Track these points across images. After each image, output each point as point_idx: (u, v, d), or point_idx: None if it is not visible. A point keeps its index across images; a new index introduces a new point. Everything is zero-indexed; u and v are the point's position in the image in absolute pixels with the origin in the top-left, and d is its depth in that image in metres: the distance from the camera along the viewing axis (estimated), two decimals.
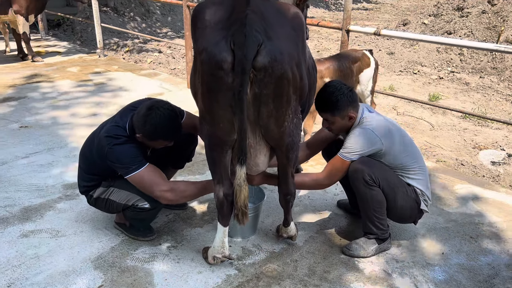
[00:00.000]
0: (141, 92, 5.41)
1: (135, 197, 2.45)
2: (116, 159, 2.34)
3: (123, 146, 2.35)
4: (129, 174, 2.33)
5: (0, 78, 5.75)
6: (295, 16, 2.20)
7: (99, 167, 2.48)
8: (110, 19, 10.28)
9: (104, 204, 2.55)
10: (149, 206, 2.45)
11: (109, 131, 2.39)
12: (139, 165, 2.33)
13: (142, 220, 2.61)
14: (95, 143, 2.45)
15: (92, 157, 2.49)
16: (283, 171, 2.32)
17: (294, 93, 2.06)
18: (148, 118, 2.31)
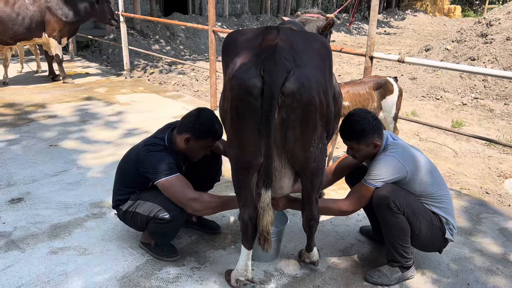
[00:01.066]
0: (166, 114, 5.54)
1: (157, 207, 2.52)
2: (150, 165, 2.46)
3: (159, 153, 2.49)
4: (159, 179, 2.44)
5: (31, 97, 5.97)
6: (322, 46, 2.27)
7: (133, 177, 2.60)
8: (136, 41, 10.62)
9: (131, 217, 2.64)
10: (169, 216, 2.50)
11: (147, 141, 2.58)
12: (171, 172, 2.45)
13: (164, 235, 2.67)
14: (133, 154, 2.61)
15: (128, 168, 2.63)
16: (307, 196, 2.35)
17: (320, 119, 2.11)
18: (200, 116, 2.52)
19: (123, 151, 4.24)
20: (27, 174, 3.73)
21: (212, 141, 2.60)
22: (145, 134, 4.77)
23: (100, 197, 3.40)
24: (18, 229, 2.94)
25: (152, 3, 13.57)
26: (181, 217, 2.57)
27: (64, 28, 6.43)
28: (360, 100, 3.46)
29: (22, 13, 5.98)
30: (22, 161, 3.97)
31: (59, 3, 6.31)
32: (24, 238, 2.84)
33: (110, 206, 3.24)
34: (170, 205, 2.49)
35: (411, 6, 24.87)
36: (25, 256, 2.66)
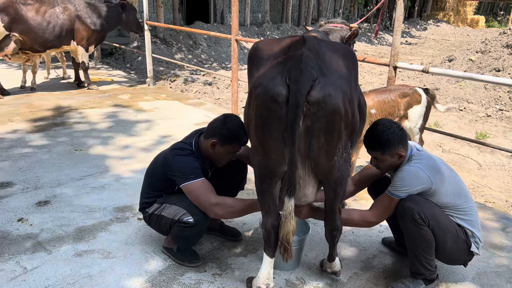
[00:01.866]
0: (188, 121, 5.61)
1: (182, 211, 2.56)
2: (176, 168, 2.52)
3: (186, 157, 2.55)
4: (185, 182, 2.49)
5: (57, 103, 6.12)
6: (348, 55, 2.29)
7: (161, 181, 2.65)
8: (159, 49, 10.79)
9: (156, 220, 2.68)
10: (193, 221, 2.53)
11: (175, 146, 2.65)
12: (196, 176, 2.50)
13: (187, 239, 2.70)
14: (161, 158, 2.68)
15: (156, 172, 2.70)
16: (331, 205, 2.35)
17: (345, 128, 2.11)
18: (226, 121, 2.57)
19: (145, 156, 4.35)
20: (53, 177, 3.82)
21: (237, 147, 2.63)
22: (168, 140, 4.84)
23: (124, 202, 3.46)
24: (45, 231, 3.01)
25: (175, 12, 13.79)
26: (205, 222, 2.59)
27: (92, 36, 6.59)
28: (385, 108, 3.44)
29: (52, 21, 6.16)
30: (49, 165, 4.07)
31: (88, 12, 6.49)
32: (51, 240, 2.91)
33: (133, 211, 3.31)
34: (195, 210, 2.53)
35: (433, 17, 24.62)
36: (51, 258, 2.73)
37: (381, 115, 3.35)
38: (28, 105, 5.97)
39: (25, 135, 4.81)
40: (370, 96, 3.46)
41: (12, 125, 5.12)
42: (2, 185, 3.64)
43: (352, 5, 20.87)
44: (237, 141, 2.60)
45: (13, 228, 3.03)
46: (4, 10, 5.82)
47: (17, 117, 5.42)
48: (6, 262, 2.67)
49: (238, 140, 2.59)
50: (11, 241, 2.88)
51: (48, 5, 6.20)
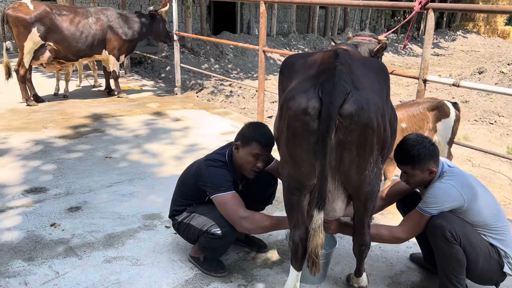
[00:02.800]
0: (214, 130, 5.67)
1: (210, 222, 2.59)
2: (208, 179, 2.55)
3: (219, 169, 2.58)
4: (215, 194, 2.52)
5: (88, 110, 6.29)
6: (380, 70, 2.30)
7: (192, 190, 2.70)
8: (187, 59, 10.97)
9: (185, 228, 2.73)
10: (220, 233, 2.56)
11: (209, 156, 2.69)
12: (227, 188, 2.53)
13: (214, 251, 2.72)
14: (194, 167, 2.73)
15: (188, 181, 2.74)
16: (359, 220, 2.33)
17: (377, 143, 2.10)
18: (249, 126, 2.66)
19: (173, 165, 4.42)
20: (85, 184, 3.92)
21: (258, 147, 2.59)
22: (195, 149, 4.91)
23: (152, 210, 3.52)
24: (76, 236, 3.09)
25: (203, 22, 14.02)
26: (232, 235, 2.61)
27: (123, 46, 6.77)
28: (415, 121, 3.39)
29: (85, 31, 6.37)
30: (80, 172, 4.18)
31: (120, 22, 6.68)
32: (81, 246, 2.98)
33: (161, 219, 3.36)
34: (223, 222, 2.55)
35: (462, 27, 24.19)
36: (82, 263, 2.79)
37: (412, 129, 3.31)
38: (61, 112, 6.16)
39: (58, 142, 4.96)
40: (400, 110, 3.43)
41: (46, 131, 5.29)
42: (36, 190, 3.76)
43: (379, 15, 20.75)
44: (256, 141, 2.58)
45: (46, 232, 3.13)
46: (41, 20, 6.05)
47: (50, 123, 5.60)
48: (39, 266, 2.75)
49: (257, 140, 2.59)
50: (44, 245, 2.97)
51: (82, 16, 6.41)
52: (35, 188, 3.80)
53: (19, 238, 3.04)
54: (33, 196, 3.66)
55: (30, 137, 5.07)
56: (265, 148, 2.61)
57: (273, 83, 10.69)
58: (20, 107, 6.30)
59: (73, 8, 6.58)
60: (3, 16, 6.04)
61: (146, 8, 13.08)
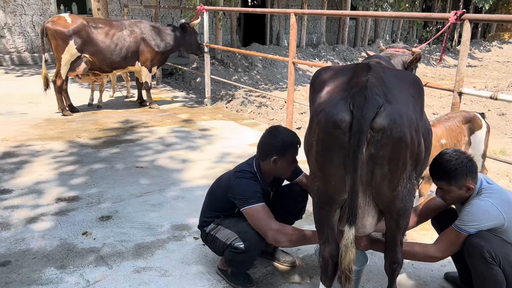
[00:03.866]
0: (243, 141, 5.68)
1: (234, 236, 2.58)
2: (238, 191, 2.56)
3: (248, 180, 2.58)
4: (246, 206, 2.53)
5: (121, 121, 6.43)
6: (414, 83, 2.24)
7: (221, 202, 2.71)
8: (216, 70, 11.10)
9: (211, 240, 2.73)
10: (243, 247, 2.54)
11: (238, 168, 2.70)
12: (257, 200, 2.53)
13: (239, 264, 2.70)
14: (224, 179, 2.73)
15: (217, 193, 2.75)
16: (391, 237, 2.26)
17: (410, 158, 2.04)
18: (273, 134, 2.62)
19: (202, 175, 4.44)
20: (116, 193, 3.99)
21: (295, 153, 2.64)
22: (224, 160, 4.92)
23: (181, 220, 3.53)
24: (107, 245, 3.14)
25: (233, 34, 14.18)
26: (256, 249, 2.59)
27: (155, 58, 6.92)
28: (454, 135, 3.29)
29: (120, 44, 6.54)
30: (112, 181, 4.26)
31: (153, 34, 6.83)
32: (112, 255, 3.02)
33: (190, 230, 3.37)
34: (247, 236, 2.54)
35: (498, 37, 23.53)
36: (112, 273, 2.83)
37: (451, 144, 3.20)
38: (95, 122, 6.32)
39: (91, 151, 5.08)
40: (438, 126, 3.32)
41: (79, 141, 5.44)
42: (69, 198, 3.85)
43: (411, 26, 20.44)
44: (292, 147, 2.62)
45: (78, 241, 3.18)
46: (77, 33, 6.25)
47: (84, 133, 5.75)
48: (71, 274, 2.80)
49: (293, 145, 2.62)
50: (76, 253, 3.03)
51: (117, 29, 6.60)
52: (68, 197, 3.89)
53: (52, 245, 3.11)
54: (66, 204, 3.75)
55: (64, 146, 5.21)
56: (298, 149, 2.64)
57: (302, 94, 10.66)
58: (56, 117, 6.50)
59: (108, 21, 6.78)
60: (43, 29, 6.29)
61: (178, 20, 13.36)
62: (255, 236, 2.54)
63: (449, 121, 3.41)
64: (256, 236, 2.54)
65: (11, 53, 11.50)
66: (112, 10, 12.66)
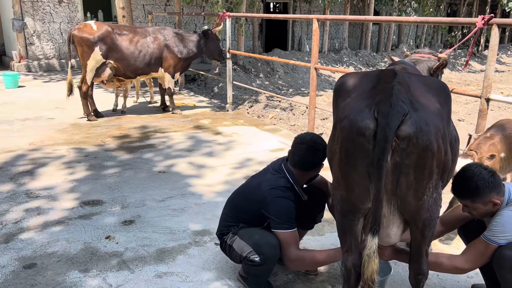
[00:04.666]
0: (264, 147, 5.67)
1: (249, 248, 2.56)
2: (274, 211, 2.55)
3: (286, 201, 2.57)
4: (277, 229, 2.55)
5: (144, 126, 6.52)
6: (441, 90, 2.20)
7: (248, 213, 2.68)
8: (238, 76, 11.15)
9: (228, 249, 2.73)
10: (259, 260, 2.52)
11: (273, 183, 2.63)
12: (290, 226, 2.55)
13: (256, 276, 2.68)
14: (257, 194, 2.64)
15: (245, 204, 2.72)
16: (416, 248, 2.20)
17: (437, 166, 1.99)
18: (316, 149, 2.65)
19: (223, 181, 4.45)
20: (138, 198, 4.03)
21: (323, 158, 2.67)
22: (246, 165, 4.93)
23: (202, 226, 3.54)
24: (129, 250, 3.17)
25: (255, 40, 14.24)
26: (272, 262, 2.58)
27: (178, 64, 7.00)
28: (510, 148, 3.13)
29: (143, 50, 6.65)
30: (134, 185, 4.31)
31: (176, 41, 6.92)
32: (134, 260, 3.05)
33: (211, 235, 3.38)
34: (261, 249, 2.52)
35: None
36: (134, 277, 2.85)
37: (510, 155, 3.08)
38: (119, 127, 6.43)
39: (115, 155, 5.16)
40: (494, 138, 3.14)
41: (104, 146, 5.53)
42: (93, 202, 3.92)
43: (435, 30, 20.11)
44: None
45: (101, 245, 3.23)
46: (103, 40, 6.38)
47: (108, 138, 5.85)
48: (94, 278, 2.83)
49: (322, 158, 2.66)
50: (99, 257, 3.07)
51: (141, 35, 6.71)
52: (92, 201, 3.95)
53: (76, 249, 3.16)
54: (90, 208, 3.81)
55: (89, 150, 5.31)
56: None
57: (323, 100, 10.60)
58: (81, 122, 6.64)
59: (132, 28, 6.91)
60: (70, 37, 6.44)
61: (201, 26, 13.51)
62: (270, 250, 2.52)
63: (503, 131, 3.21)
64: (271, 250, 2.53)
65: (39, 59, 11.84)
66: (137, 17, 12.89)
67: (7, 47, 13.29)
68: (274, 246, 2.53)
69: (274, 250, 2.52)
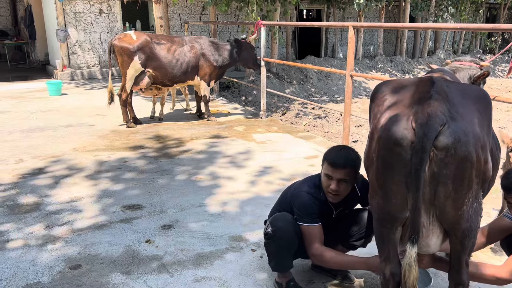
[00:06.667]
0: (298, 154, 5.69)
1: (267, 224, 2.72)
2: (296, 204, 2.68)
3: (307, 196, 2.65)
4: (299, 222, 2.65)
5: (180, 132, 6.68)
6: (481, 98, 2.17)
7: (287, 205, 2.80)
8: (271, 83, 11.23)
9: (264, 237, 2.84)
10: (271, 230, 2.63)
11: (307, 178, 2.81)
12: (310, 221, 2.63)
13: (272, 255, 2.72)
14: (294, 185, 2.86)
15: (285, 196, 2.86)
16: (456, 258, 2.18)
17: (476, 176, 1.97)
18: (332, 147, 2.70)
19: (259, 187, 4.50)
20: (177, 203, 4.14)
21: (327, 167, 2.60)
22: (280, 172, 4.96)
23: (238, 231, 3.60)
24: (168, 254, 3.26)
25: (288, 48, 14.30)
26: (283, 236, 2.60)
27: (213, 72, 7.15)
28: None
29: (180, 59, 6.83)
30: (173, 191, 4.43)
31: (211, 50, 7.07)
32: (173, 263, 3.14)
33: (247, 241, 3.43)
34: (276, 222, 2.64)
35: None
36: (173, 281, 2.93)
37: None
38: (156, 133, 6.61)
39: (154, 161, 5.31)
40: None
41: (143, 151, 5.71)
42: (134, 207, 4.06)
43: (474, 36, 19.54)
44: (326, 160, 2.63)
45: (142, 248, 3.34)
46: (142, 49, 6.61)
47: (147, 144, 6.04)
48: (135, 280, 2.94)
49: (327, 158, 2.63)
50: (140, 260, 3.18)
51: (178, 44, 6.90)
52: (133, 205, 4.09)
53: (118, 252, 3.29)
54: (130, 212, 3.95)
55: (129, 156, 5.50)
56: (332, 167, 2.58)
57: (358, 107, 10.52)
58: (121, 129, 6.87)
59: (170, 37, 7.11)
60: (111, 46, 6.71)
61: (235, 35, 13.70)
62: (282, 223, 2.61)
63: None
64: (283, 223, 2.61)
65: (81, 68, 12.34)
66: (173, 26, 13.23)
67: (50, 57, 13.94)
68: (287, 221, 2.62)
69: (287, 224, 2.60)
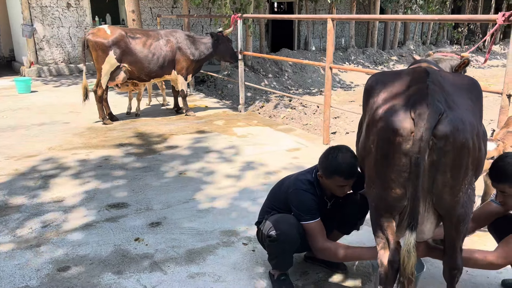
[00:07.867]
0: (280, 147, 5.70)
1: (269, 225, 2.66)
2: (294, 203, 2.64)
3: (306, 194, 2.62)
4: (301, 220, 2.62)
5: (159, 128, 6.57)
6: (473, 87, 2.23)
7: (280, 202, 2.78)
8: (247, 76, 11.18)
9: (260, 235, 2.84)
10: (275, 234, 2.59)
11: (299, 176, 2.74)
12: (311, 218, 2.60)
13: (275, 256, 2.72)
14: (286, 183, 2.79)
15: (278, 194, 2.83)
16: (451, 243, 2.24)
17: (472, 163, 2.04)
18: (328, 155, 2.60)
19: (245, 181, 4.49)
20: (163, 199, 4.08)
21: (340, 180, 2.57)
22: (264, 165, 4.96)
23: (228, 226, 3.58)
24: (159, 251, 3.21)
25: (261, 41, 14.28)
26: (287, 239, 2.59)
27: (190, 66, 7.05)
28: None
29: (157, 53, 6.70)
30: (157, 188, 4.36)
31: (188, 43, 6.97)
32: (165, 261, 3.09)
33: (238, 236, 3.42)
34: (279, 225, 2.60)
35: None
36: (167, 278, 2.89)
37: None
38: (134, 130, 6.48)
39: (135, 158, 5.21)
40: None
41: (122, 149, 5.58)
42: (118, 205, 3.97)
43: (441, 27, 20.05)
44: (338, 175, 2.54)
45: (131, 247, 3.27)
46: (117, 43, 6.44)
47: (125, 141, 5.90)
48: (128, 279, 2.88)
49: (338, 174, 2.54)
50: (131, 259, 3.11)
51: (154, 38, 6.76)
52: (118, 204, 4.00)
53: (107, 251, 3.21)
54: (116, 211, 3.86)
55: (109, 154, 5.36)
56: (346, 180, 2.57)
57: (333, 99, 10.61)
58: (97, 126, 6.70)
59: (145, 31, 6.96)
60: (84, 41, 6.51)
61: (208, 28, 13.54)
62: (286, 226, 2.59)
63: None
64: (288, 226, 2.58)
65: (49, 64, 11.92)
66: (145, 20, 12.95)
67: (16, 53, 13.41)
68: (291, 224, 2.59)
69: (291, 228, 2.58)
